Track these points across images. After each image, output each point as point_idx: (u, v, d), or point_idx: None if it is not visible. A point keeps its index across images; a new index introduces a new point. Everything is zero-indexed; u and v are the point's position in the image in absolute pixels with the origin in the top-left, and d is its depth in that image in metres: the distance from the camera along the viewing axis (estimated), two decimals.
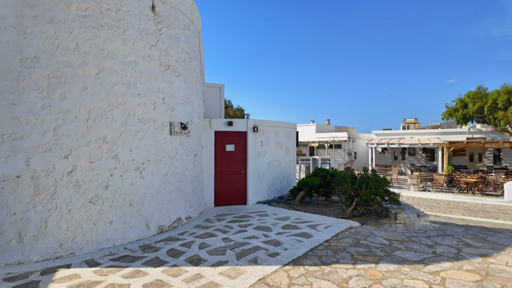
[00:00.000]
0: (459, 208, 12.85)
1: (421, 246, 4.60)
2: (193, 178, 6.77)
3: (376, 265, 3.89)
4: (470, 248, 4.53)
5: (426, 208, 12.63)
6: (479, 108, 24.40)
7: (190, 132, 6.58)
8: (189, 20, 6.71)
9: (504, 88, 23.99)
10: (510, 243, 4.76)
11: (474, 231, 5.46)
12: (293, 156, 9.52)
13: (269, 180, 8.46)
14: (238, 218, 6.54)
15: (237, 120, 8.03)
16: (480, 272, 3.65)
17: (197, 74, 7.19)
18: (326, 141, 29.77)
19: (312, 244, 4.69)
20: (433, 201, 14.65)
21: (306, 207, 7.53)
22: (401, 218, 6.05)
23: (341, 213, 6.73)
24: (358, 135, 32.25)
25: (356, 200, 6.36)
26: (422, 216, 6.01)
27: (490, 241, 4.87)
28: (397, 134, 29.72)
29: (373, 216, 6.58)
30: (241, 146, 7.98)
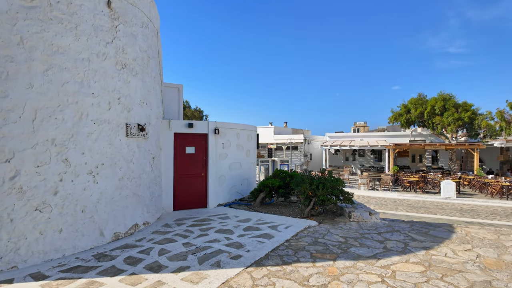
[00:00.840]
0: (403, 205, 13.99)
1: (373, 242, 4.95)
2: (151, 182, 6.53)
3: (334, 262, 4.11)
4: (415, 242, 4.98)
5: (375, 206, 13.56)
6: (420, 113, 26.82)
7: (148, 134, 6.35)
8: (147, 18, 6.48)
9: (440, 96, 26.68)
10: (448, 236, 5.32)
11: (418, 226, 6.00)
12: (253, 158, 9.62)
13: (230, 182, 8.46)
14: (198, 222, 6.44)
15: (198, 122, 7.91)
16: (424, 264, 4.03)
17: (155, 74, 6.96)
18: (284, 143, 30.54)
19: (274, 245, 4.80)
20: (381, 199, 15.77)
21: (267, 208, 7.66)
22: (354, 216, 6.44)
23: (299, 213, 6.96)
24: (313, 137, 33.58)
25: (314, 200, 6.63)
26: (373, 214, 6.46)
27: (431, 234, 5.40)
28: (348, 137, 31.50)
29: (329, 215, 6.90)
30: (201, 149, 7.88)
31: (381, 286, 3.39)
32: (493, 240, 5.05)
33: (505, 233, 5.51)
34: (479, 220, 10.68)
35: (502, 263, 4.06)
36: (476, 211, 12.81)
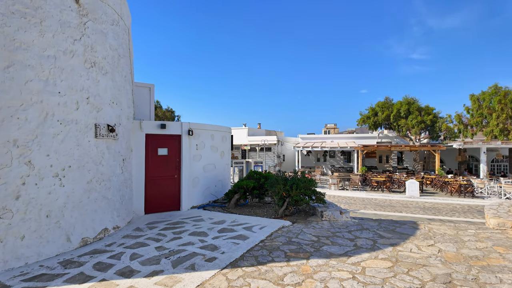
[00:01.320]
0: (372, 204, 14.58)
1: (345, 240, 5.13)
2: (121, 184, 6.33)
3: (307, 260, 4.21)
4: (383, 239, 5.22)
5: (345, 205, 14.01)
6: (386, 116, 28.11)
7: (118, 135, 6.14)
8: (118, 15, 6.28)
9: (405, 100, 28.13)
10: (413, 232, 5.63)
11: (386, 224, 6.30)
12: (228, 160, 9.61)
13: (204, 184, 8.38)
14: (171, 225, 6.33)
15: (171, 123, 7.77)
16: (392, 260, 4.24)
17: (126, 73, 6.75)
18: (258, 144, 30.72)
19: (249, 246, 4.83)
20: (350, 199, 16.33)
21: (241, 210, 7.68)
22: (326, 215, 6.63)
23: (274, 214, 7.05)
24: (286, 139, 34.07)
25: (288, 201, 6.75)
26: (344, 212, 6.69)
27: (397, 231, 5.69)
28: (320, 138, 32.29)
29: (302, 215, 7.05)
30: (174, 150, 7.74)
31: (352, 282, 3.53)
32: (453, 235, 5.42)
33: (463, 228, 5.93)
34: (440, 217, 11.39)
35: (460, 256, 4.37)
36: (438, 208, 13.64)
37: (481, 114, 27.22)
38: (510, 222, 5.84)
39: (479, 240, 5.13)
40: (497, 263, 4.10)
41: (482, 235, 5.40)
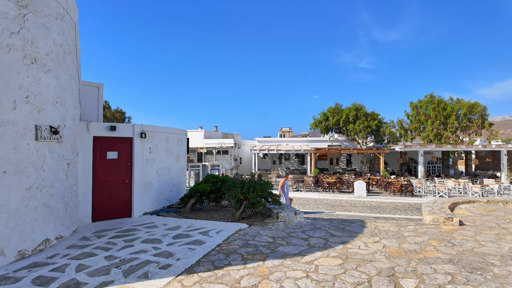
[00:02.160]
0: (323, 204, 15.25)
1: (299, 240, 5.31)
2: (66, 191, 5.85)
3: (263, 262, 4.29)
4: (334, 237, 5.51)
5: (299, 206, 14.48)
6: (336, 121, 29.69)
7: (63, 137, 5.69)
8: (63, 9, 5.83)
9: (353, 106, 29.97)
10: (360, 230, 6.02)
11: (336, 223, 6.64)
12: (183, 163, 9.39)
13: (158, 189, 8.09)
14: (122, 232, 6.00)
15: (122, 125, 7.39)
16: (342, 257, 4.50)
17: (72, 71, 6.29)
18: (214, 147, 30.43)
19: (205, 250, 4.77)
20: (304, 200, 16.92)
21: (197, 214, 7.55)
22: (282, 216, 6.80)
23: (231, 217, 7.05)
24: (243, 142, 34.24)
25: (245, 204, 6.80)
26: (298, 213, 6.92)
27: (347, 230, 6.04)
28: (275, 141, 33.01)
29: (259, 217, 7.15)
30: (126, 153, 7.37)
31: (306, 281, 3.67)
32: (395, 231, 5.91)
33: (404, 225, 6.49)
34: (385, 215, 12.31)
35: (402, 251, 4.78)
36: (382, 207, 14.71)
37: (419, 120, 30.03)
38: (442, 218, 6.52)
39: (417, 235, 5.65)
40: (432, 255, 4.56)
41: (419, 231, 5.96)
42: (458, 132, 28.96)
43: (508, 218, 7.12)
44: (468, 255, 4.55)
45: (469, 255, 4.55)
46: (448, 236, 5.53)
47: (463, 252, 4.66)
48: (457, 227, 6.20)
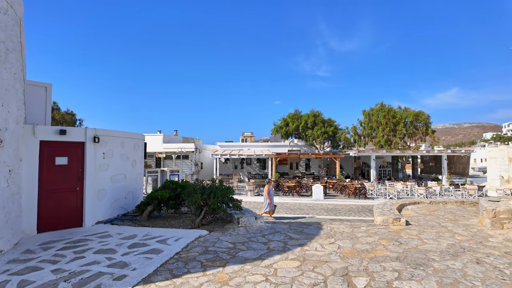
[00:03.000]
0: (283, 208, 15.56)
1: (259, 245, 5.38)
2: (7, 200, 5.34)
3: (223, 268, 4.28)
4: (293, 240, 5.67)
5: (260, 210, 14.61)
6: (296, 127, 30.57)
7: (4, 141, 5.20)
8: (6, 2, 5.37)
9: (311, 112, 31.11)
10: (317, 232, 6.26)
11: (295, 226, 6.83)
12: (140, 169, 9.03)
13: (112, 196, 7.69)
14: (72, 243, 5.61)
15: (73, 129, 6.94)
16: (300, 259, 4.64)
17: (16, 70, 5.79)
18: (174, 152, 29.63)
19: (163, 259, 4.64)
20: None
21: (155, 222, 7.30)
22: (242, 221, 6.84)
23: (190, 224, 6.92)
24: (204, 146, 33.80)
25: (205, 210, 6.72)
26: (259, 218, 7.01)
27: (305, 232, 6.24)
28: (237, 146, 33.06)
29: (219, 223, 7.11)
30: (77, 159, 6.92)
31: (265, 284, 3.73)
32: (349, 233, 6.23)
33: (357, 226, 6.87)
34: (340, 217, 12.87)
35: (355, 251, 5.06)
36: (338, 209, 15.38)
37: (371, 127, 31.99)
38: (391, 218, 7.02)
39: (369, 235, 6.02)
40: (381, 254, 4.89)
41: (371, 231, 6.34)
42: (406, 138, 31.33)
43: (447, 217, 7.85)
44: (412, 252, 4.94)
45: (413, 252, 4.95)
46: (396, 236, 5.96)
47: (409, 250, 5.05)
48: (404, 227, 6.71)
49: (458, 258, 4.66)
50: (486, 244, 5.42)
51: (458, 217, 7.89)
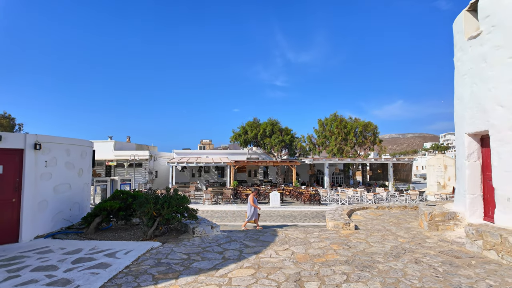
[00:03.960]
0: (241, 216, 15.55)
1: (214, 254, 5.32)
2: None
3: (176, 280, 4.16)
4: (249, 248, 5.69)
5: (217, 219, 14.45)
6: (254, 135, 30.92)
7: None
8: None
9: (269, 121, 31.74)
10: (273, 239, 6.36)
11: (251, 234, 6.87)
12: (88, 178, 8.46)
13: (55, 208, 7.08)
14: (6, 261, 5.05)
15: (9, 135, 6.32)
16: (255, 267, 4.68)
17: None
18: (126, 160, 28.18)
19: (111, 274, 4.38)
20: (223, 212, 16.96)
21: (103, 235, 6.86)
22: (198, 231, 6.71)
23: (142, 235, 6.62)
24: (159, 154, 32.64)
25: (158, 220, 6.49)
26: (215, 227, 6.93)
27: (261, 240, 6.31)
28: (195, 154, 32.45)
29: (173, 234, 6.90)
30: (14, 168, 6.29)
31: None
32: (303, 238, 6.43)
33: (310, 231, 7.11)
34: (296, 223, 13.21)
35: (307, 256, 5.23)
36: (294, 216, 15.77)
37: (325, 136, 33.51)
38: (342, 223, 7.38)
39: (321, 240, 6.26)
40: (332, 258, 5.11)
41: (323, 236, 6.61)
42: (356, 147, 33.28)
43: (391, 221, 8.46)
44: (360, 255, 5.25)
45: (361, 255, 5.25)
46: (346, 240, 6.28)
47: (357, 253, 5.35)
48: (353, 231, 7.10)
49: (399, 259, 5.04)
50: (423, 245, 5.94)
51: (401, 220, 8.55)
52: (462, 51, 7.13)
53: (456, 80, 7.57)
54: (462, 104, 7.16)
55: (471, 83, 6.66)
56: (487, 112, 6.12)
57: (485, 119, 6.20)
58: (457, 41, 7.49)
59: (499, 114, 5.85)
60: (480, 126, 6.38)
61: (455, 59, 7.61)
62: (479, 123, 6.40)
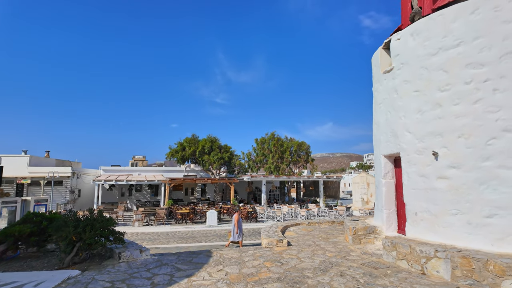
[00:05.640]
0: (175, 237, 14.86)
1: (142, 281, 4.96)
2: None
3: None
4: (180, 272, 5.45)
5: (148, 242, 13.55)
6: (193, 152, 30.30)
7: None
8: None
9: (208, 138, 31.54)
10: (207, 260, 6.20)
11: (184, 256, 6.60)
12: None
13: None
14: None
15: None
16: None
17: None
18: (43, 177, 24.94)
19: None
20: (155, 234, 15.99)
21: (8, 265, 5.90)
22: (124, 256, 6.20)
23: (58, 264, 5.86)
24: (84, 171, 29.69)
25: (79, 245, 5.84)
26: (144, 251, 6.50)
27: (194, 262, 6.10)
28: (126, 171, 30.32)
29: (96, 260, 6.26)
30: None
31: None
32: (237, 258, 6.40)
33: (245, 250, 7.12)
34: None
35: (241, 276, 5.21)
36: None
37: (263, 153, 34.43)
38: (275, 240, 7.56)
39: (255, 258, 6.31)
40: (265, 276, 5.18)
41: (257, 254, 6.68)
42: (291, 165, 34.85)
43: (321, 236, 8.96)
44: (291, 271, 5.42)
45: (292, 271, 5.43)
46: (279, 257, 6.44)
47: (288, 270, 5.52)
48: (286, 248, 7.32)
49: (327, 273, 5.34)
50: (348, 258, 6.41)
51: (329, 235, 9.11)
52: (378, 83, 8.14)
53: (374, 107, 8.57)
54: (379, 129, 8.10)
55: (386, 111, 7.61)
56: (399, 137, 7.03)
57: (397, 143, 7.11)
58: (374, 74, 8.55)
59: (407, 139, 6.77)
60: (393, 149, 7.28)
61: (373, 89, 8.65)
62: (392, 146, 7.30)
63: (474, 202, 5.57)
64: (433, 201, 6.14)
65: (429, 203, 6.21)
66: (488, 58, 5.62)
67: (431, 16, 6.52)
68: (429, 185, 6.23)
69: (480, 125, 5.60)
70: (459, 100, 5.88)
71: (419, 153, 6.47)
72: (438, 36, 6.28)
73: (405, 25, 7.46)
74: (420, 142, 6.47)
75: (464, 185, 5.71)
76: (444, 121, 6.06)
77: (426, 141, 6.35)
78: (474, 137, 5.66)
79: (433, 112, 6.27)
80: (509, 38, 5.47)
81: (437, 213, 6.05)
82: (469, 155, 5.69)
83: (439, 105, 6.16)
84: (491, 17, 5.66)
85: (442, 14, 6.29)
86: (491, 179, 5.43)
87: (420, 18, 6.85)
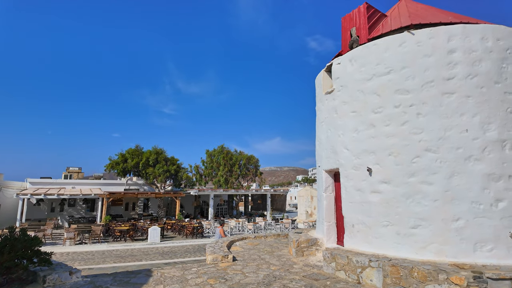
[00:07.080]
0: (112, 257, 13.74)
1: None
2: None
3: None
4: None
5: (80, 262, 12.34)
6: (136, 164, 28.72)
7: None
8: None
9: (154, 149, 30.26)
10: (146, 280, 5.84)
11: (121, 277, 6.13)
12: None
13: None
14: None
15: None
16: None
17: None
18: None
19: None
20: (88, 254, 14.62)
21: None
22: (51, 280, 5.55)
23: None
24: (6, 183, 26.22)
25: None
26: (75, 272, 5.89)
27: (132, 282, 5.69)
28: (57, 184, 27.50)
29: (15, 286, 5.49)
30: None
31: None
32: (180, 276, 6.14)
33: (188, 268, 6.87)
34: (175, 260, 12.54)
35: None
36: (174, 252, 14.97)
37: (212, 167, 33.99)
38: (220, 256, 7.43)
39: (198, 276, 6.12)
40: None
41: (201, 271, 6.48)
42: (240, 178, 34.92)
43: (266, 250, 9.05)
44: (235, 287, 5.36)
45: (236, 287, 5.37)
46: (223, 273, 6.33)
47: (232, 286, 5.45)
48: (231, 263, 7.23)
49: (270, 286, 5.39)
50: (291, 270, 6.55)
51: (274, 249, 9.24)
52: (321, 102, 8.69)
53: (317, 125, 9.10)
54: (320, 145, 8.60)
55: (327, 129, 8.13)
56: (338, 154, 7.53)
57: (336, 159, 7.60)
58: (317, 94, 9.12)
59: (345, 156, 7.29)
60: (333, 165, 7.76)
61: (316, 108, 9.20)
62: (332, 162, 7.79)
63: (402, 214, 6.16)
64: (368, 213, 6.64)
65: (364, 215, 6.70)
66: (412, 86, 6.39)
67: (366, 45, 7.23)
68: (364, 199, 6.75)
69: (407, 144, 6.28)
70: (389, 121, 6.55)
71: (356, 168, 7.00)
72: (372, 63, 6.97)
73: (345, 51, 8.15)
74: (356, 159, 7.01)
75: (393, 198, 6.30)
76: (377, 140, 6.67)
77: (361, 158, 6.90)
78: (401, 155, 6.31)
79: (367, 132, 6.86)
80: (429, 69, 6.30)
81: (371, 224, 6.55)
82: (397, 171, 6.32)
83: (373, 125, 6.78)
84: (415, 51, 6.48)
85: (376, 44, 7.03)
86: (416, 193, 6.08)
87: (358, 46, 7.56)
